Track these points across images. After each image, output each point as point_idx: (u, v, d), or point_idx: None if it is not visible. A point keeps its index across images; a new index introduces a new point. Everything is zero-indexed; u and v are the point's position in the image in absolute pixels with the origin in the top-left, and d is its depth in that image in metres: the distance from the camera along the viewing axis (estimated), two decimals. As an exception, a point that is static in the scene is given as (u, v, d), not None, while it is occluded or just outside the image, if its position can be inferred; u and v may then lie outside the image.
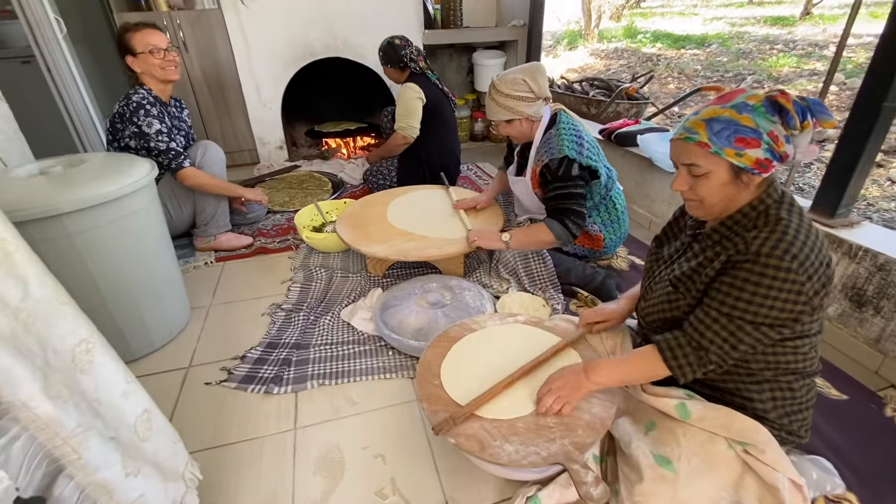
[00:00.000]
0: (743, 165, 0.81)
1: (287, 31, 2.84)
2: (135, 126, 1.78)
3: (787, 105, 0.78)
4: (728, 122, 0.81)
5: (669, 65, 6.90)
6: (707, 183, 0.85)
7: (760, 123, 0.79)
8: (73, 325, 0.70)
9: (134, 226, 1.33)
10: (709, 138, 0.82)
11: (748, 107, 0.80)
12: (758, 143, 0.79)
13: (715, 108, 0.83)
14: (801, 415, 0.96)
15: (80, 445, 0.61)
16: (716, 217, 0.92)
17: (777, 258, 0.78)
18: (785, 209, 0.84)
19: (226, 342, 1.54)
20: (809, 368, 0.93)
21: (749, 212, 0.87)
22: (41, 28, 2.23)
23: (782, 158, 0.82)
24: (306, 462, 1.14)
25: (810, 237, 0.81)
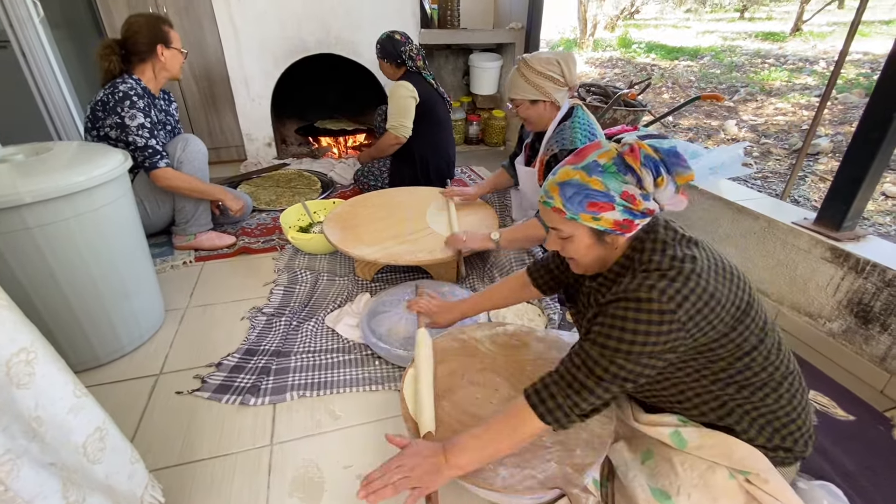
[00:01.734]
0: (603, 228, 0.79)
1: (279, 24, 2.75)
2: (117, 116, 1.69)
3: (633, 164, 0.75)
4: (579, 187, 0.78)
5: (663, 75, 6.94)
6: (574, 245, 0.84)
7: (611, 186, 0.76)
8: (11, 333, 0.60)
9: (102, 220, 1.23)
10: (563, 204, 0.80)
11: (598, 167, 0.77)
12: (611, 207, 0.77)
13: (568, 169, 0.80)
14: (790, 427, 0.88)
15: (8, 476, 0.52)
16: (596, 272, 0.91)
17: (636, 291, 0.75)
18: (648, 253, 0.81)
19: (201, 348, 1.44)
20: (777, 375, 0.84)
21: (623, 263, 0.85)
22: (16, 9, 2.11)
23: (646, 214, 0.78)
24: (282, 482, 1.05)
25: (682, 269, 0.75)
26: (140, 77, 1.80)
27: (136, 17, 1.79)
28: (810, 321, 1.52)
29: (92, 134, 1.79)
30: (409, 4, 2.92)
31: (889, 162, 1.39)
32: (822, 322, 1.49)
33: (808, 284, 1.51)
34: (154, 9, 2.55)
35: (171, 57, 1.81)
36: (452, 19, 3.21)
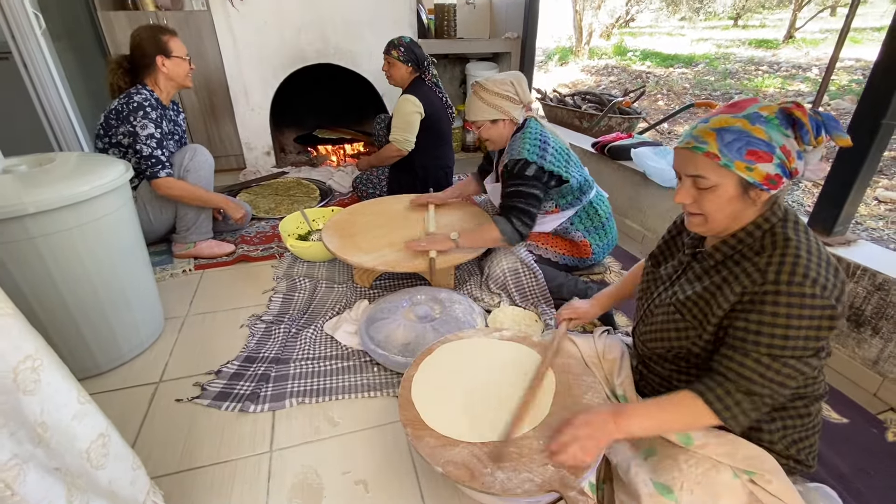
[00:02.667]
0: (752, 180, 0.76)
1: (278, 35, 2.79)
2: (129, 125, 1.74)
3: (802, 118, 0.74)
4: (740, 133, 0.75)
5: (658, 82, 7.02)
6: (713, 197, 0.80)
7: (774, 136, 0.75)
8: (17, 341, 0.62)
9: (104, 230, 1.25)
10: (719, 149, 0.76)
11: (762, 118, 0.76)
12: (770, 158, 0.75)
13: (726, 117, 0.78)
14: (808, 441, 0.91)
15: (15, 480, 0.53)
16: (717, 234, 0.87)
17: (799, 285, 0.73)
18: (791, 227, 0.80)
19: (201, 355, 1.45)
20: (819, 391, 0.89)
21: (754, 230, 0.82)
22: (18, 22, 2.14)
23: (792, 175, 0.77)
24: (281, 488, 1.05)
25: (822, 256, 0.77)
26: (152, 88, 1.84)
27: (138, 29, 1.82)
28: (804, 325, 1.54)
29: (104, 141, 1.82)
30: (407, 15, 2.96)
31: (878, 167, 1.42)
32: (816, 326, 1.51)
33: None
34: (154, 20, 2.58)
35: (172, 66, 1.83)
36: (449, 29, 3.26)
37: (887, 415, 1.29)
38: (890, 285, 1.29)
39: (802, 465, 0.91)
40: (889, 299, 1.30)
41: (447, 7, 3.18)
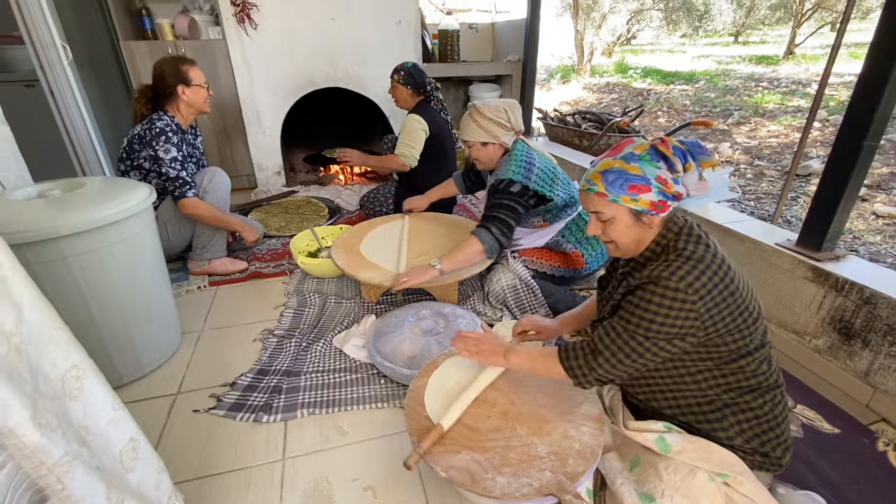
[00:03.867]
0: (640, 208, 0.90)
1: (289, 61, 2.92)
2: (152, 150, 1.84)
3: (666, 152, 0.87)
4: (619, 173, 0.89)
5: (659, 99, 7.13)
6: (613, 227, 0.95)
7: (647, 170, 0.88)
8: (65, 351, 0.69)
9: (129, 249, 1.33)
10: (605, 188, 0.91)
11: (635, 156, 0.89)
12: (648, 189, 0.88)
13: (608, 160, 0.92)
14: (771, 434, 0.95)
15: (66, 475, 0.60)
16: (632, 255, 1.00)
17: (666, 279, 0.85)
18: (683, 240, 0.92)
19: (216, 368, 1.52)
20: (765, 384, 0.94)
21: (655, 247, 0.96)
22: (47, 53, 2.28)
23: (677, 197, 0.90)
24: (294, 494, 1.11)
25: (708, 263, 0.87)
26: (173, 114, 1.95)
27: (160, 61, 1.94)
28: (797, 338, 1.59)
29: (126, 164, 1.92)
30: (412, 41, 3.09)
31: (861, 186, 1.48)
32: (808, 339, 1.55)
33: (793, 303, 1.59)
34: (173, 50, 2.72)
35: (192, 94, 1.95)
36: (452, 53, 3.39)
37: (879, 425, 1.33)
38: (877, 299, 1.34)
39: (770, 458, 0.95)
40: (877, 313, 1.35)
41: (451, 33, 3.31)
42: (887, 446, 1.25)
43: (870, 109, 1.35)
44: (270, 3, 2.74)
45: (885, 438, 1.27)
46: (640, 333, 0.88)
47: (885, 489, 1.13)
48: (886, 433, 1.29)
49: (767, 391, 0.95)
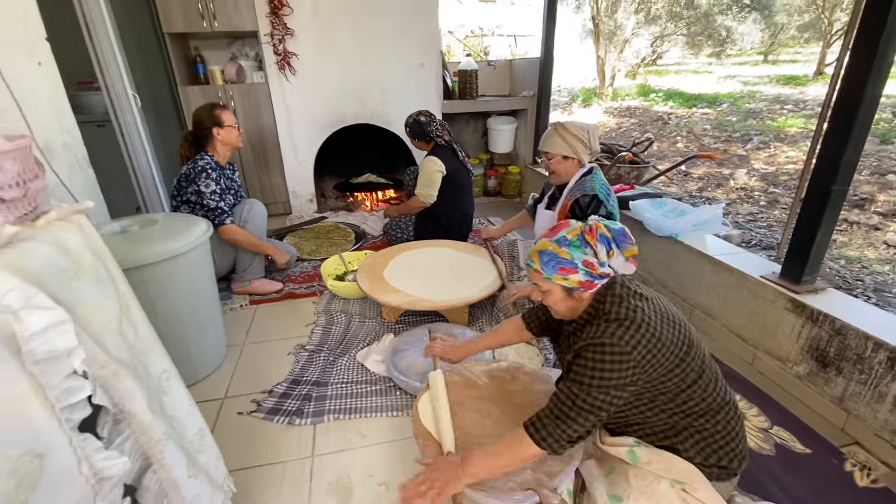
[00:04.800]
0: (571, 286, 1.05)
1: (323, 101, 3.25)
2: (196, 186, 2.14)
3: (591, 241, 1.04)
4: (552, 255, 1.05)
5: (679, 124, 7.22)
6: (549, 298, 1.11)
7: (575, 255, 1.03)
8: (160, 358, 0.94)
9: (191, 275, 1.61)
10: (541, 267, 1.07)
11: (566, 241, 1.05)
12: (576, 271, 1.03)
13: (544, 241, 1.08)
14: (726, 448, 1.09)
15: (164, 449, 0.83)
16: (570, 318, 1.16)
17: (601, 338, 0.99)
18: (608, 302, 1.06)
19: (256, 377, 1.77)
20: (714, 405, 1.08)
21: (590, 311, 1.10)
22: (119, 101, 2.65)
23: (603, 276, 1.05)
24: (321, 485, 1.32)
25: (632, 320, 1.01)
26: (212, 153, 2.26)
27: (197, 109, 2.27)
28: (780, 365, 1.71)
29: (177, 199, 2.23)
30: (434, 81, 3.38)
31: (834, 227, 1.62)
32: (790, 366, 1.68)
33: (776, 332, 1.72)
34: (223, 94, 3.09)
35: (225, 134, 2.25)
36: (472, 90, 3.65)
37: (851, 448, 1.44)
38: (847, 330, 1.47)
39: (727, 469, 1.10)
40: (846, 342, 1.48)
41: (469, 72, 3.58)
42: (854, 467, 1.36)
43: (836, 157, 1.50)
44: (308, 52, 3.08)
45: (853, 460, 1.39)
46: (594, 390, 0.98)
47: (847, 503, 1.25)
48: (857, 455, 1.41)
49: (718, 411, 1.10)
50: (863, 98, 1.41)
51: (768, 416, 1.55)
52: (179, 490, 0.87)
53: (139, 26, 3.14)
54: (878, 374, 1.39)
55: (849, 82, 1.46)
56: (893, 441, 1.37)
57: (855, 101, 1.43)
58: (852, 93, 1.44)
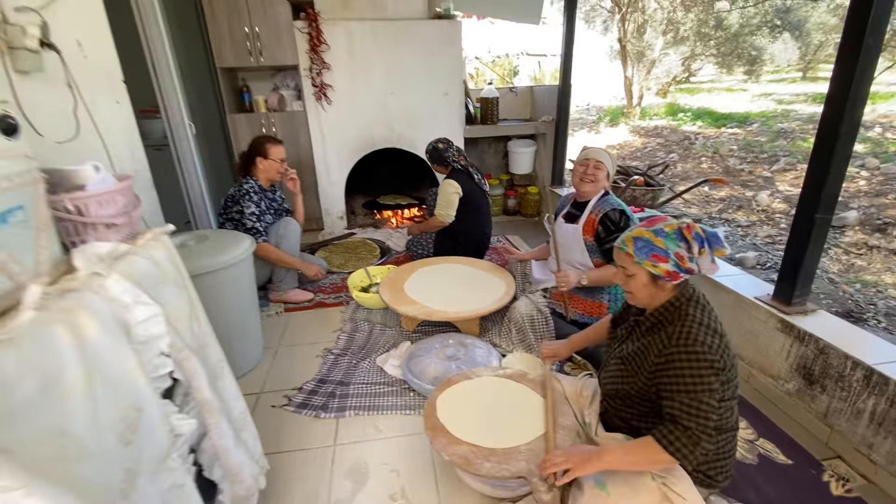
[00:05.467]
0: (658, 274, 1.16)
1: (355, 128, 3.54)
2: (239, 206, 2.43)
3: (688, 237, 1.15)
4: (647, 242, 1.17)
5: (706, 144, 7.22)
6: (633, 281, 1.22)
7: (670, 246, 1.15)
8: (216, 349, 1.17)
9: (237, 284, 1.86)
10: (633, 251, 1.18)
11: (663, 232, 1.16)
12: (667, 260, 1.15)
13: (641, 229, 1.20)
14: (717, 464, 1.23)
15: (218, 421, 1.05)
16: (647, 306, 1.26)
17: (691, 345, 1.10)
18: (692, 306, 1.18)
19: (288, 376, 2.00)
20: (727, 424, 1.22)
21: (669, 306, 1.21)
22: (176, 128, 3.00)
23: (689, 272, 1.16)
24: (341, 470, 1.52)
25: (710, 326, 1.14)
26: (256, 177, 2.55)
27: (256, 137, 2.57)
28: (773, 381, 1.81)
29: (223, 217, 2.53)
30: (457, 109, 3.63)
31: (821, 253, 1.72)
32: (781, 382, 1.77)
33: (768, 350, 1.82)
34: (265, 121, 3.43)
35: (266, 166, 2.54)
36: (493, 116, 3.88)
37: (834, 461, 1.53)
38: (829, 350, 1.57)
39: (712, 480, 1.23)
40: (829, 361, 1.57)
41: (491, 100, 3.82)
42: (831, 478, 1.45)
43: (818, 187, 1.62)
44: (342, 84, 3.39)
45: (831, 471, 1.47)
46: (700, 390, 1.07)
47: (818, 510, 1.35)
48: (837, 468, 1.49)
49: (726, 431, 1.22)
50: (839, 133, 1.54)
51: (755, 429, 1.65)
52: (228, 456, 1.09)
53: (195, 61, 3.54)
54: (856, 391, 1.49)
55: (828, 115, 1.58)
56: (871, 455, 1.45)
57: (833, 134, 1.56)
58: (831, 126, 1.56)
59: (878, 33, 1.47)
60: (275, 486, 1.45)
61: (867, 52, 1.46)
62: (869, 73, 1.50)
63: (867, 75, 1.50)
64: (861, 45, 1.45)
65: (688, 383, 1.11)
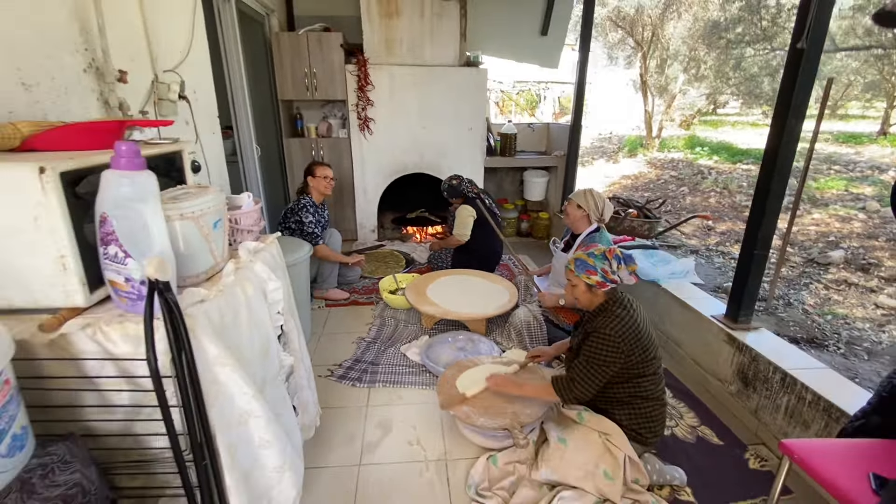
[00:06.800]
0: (591, 283, 1.67)
1: (391, 155, 4.11)
2: (297, 216, 2.99)
3: (609, 257, 1.66)
4: (583, 261, 1.69)
5: (717, 180, 7.56)
6: (577, 290, 1.72)
7: (597, 264, 1.66)
8: (297, 317, 1.68)
9: (298, 279, 2.39)
10: (574, 268, 1.70)
11: (594, 255, 1.68)
12: (596, 273, 1.65)
13: (580, 253, 1.72)
14: (647, 425, 1.67)
15: (299, 366, 1.56)
16: (588, 308, 1.75)
17: (603, 329, 1.60)
18: (616, 306, 1.66)
19: (331, 355, 2.51)
20: (651, 394, 1.66)
21: (601, 306, 1.70)
22: (246, 149, 3.62)
23: (613, 282, 1.66)
24: (372, 422, 2.01)
25: (623, 320, 1.61)
26: (310, 195, 3.12)
27: (311, 162, 3.15)
28: (720, 384, 2.22)
29: (282, 226, 3.09)
30: (479, 142, 4.17)
31: (760, 282, 2.14)
32: (727, 385, 2.18)
33: (718, 358, 2.23)
34: (315, 146, 4.03)
35: (315, 183, 3.11)
36: (511, 149, 4.41)
37: (760, 447, 1.92)
38: (759, 358, 1.99)
39: (642, 437, 1.67)
40: (759, 367, 1.99)
41: (510, 135, 4.35)
42: (752, 456, 1.86)
43: (755, 232, 2.06)
44: (382, 118, 3.98)
45: (752, 451, 1.88)
46: (594, 363, 1.59)
47: (734, 480, 1.75)
48: (759, 451, 1.90)
49: (650, 400, 1.68)
50: (769, 190, 1.98)
51: (700, 419, 2.07)
52: (302, 392, 1.60)
53: (262, 94, 4.19)
54: (776, 391, 1.90)
55: (762, 175, 2.03)
56: (781, 439, 1.86)
57: (765, 190, 2.00)
58: (764, 183, 2.01)
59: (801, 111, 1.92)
60: (324, 429, 1.94)
61: (790, 132, 1.91)
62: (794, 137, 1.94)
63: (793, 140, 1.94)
64: (785, 123, 1.91)
65: (590, 354, 1.61)
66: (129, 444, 1.06)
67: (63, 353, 0.96)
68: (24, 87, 1.38)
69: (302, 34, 3.78)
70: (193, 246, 1.11)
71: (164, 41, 2.08)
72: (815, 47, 1.78)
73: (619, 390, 1.68)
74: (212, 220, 1.15)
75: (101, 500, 0.89)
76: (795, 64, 1.83)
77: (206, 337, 1.01)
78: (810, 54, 1.78)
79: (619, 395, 1.68)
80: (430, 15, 3.88)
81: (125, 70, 1.78)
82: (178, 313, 0.89)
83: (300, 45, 3.79)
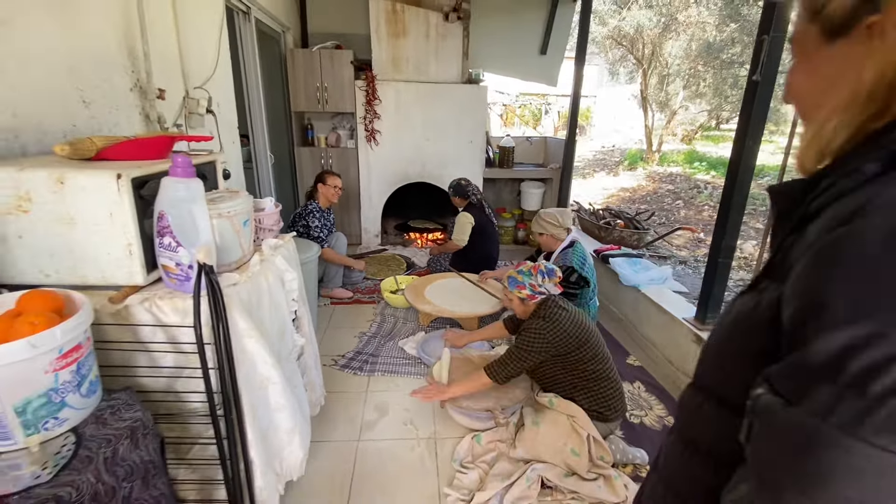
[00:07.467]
0: (522, 296, 1.92)
1: (395, 164, 4.37)
2: (305, 220, 3.24)
3: (534, 272, 1.91)
4: (513, 278, 1.95)
5: (711, 194, 7.79)
6: (512, 303, 1.98)
7: (525, 279, 1.92)
8: (306, 304, 1.92)
9: (307, 277, 2.63)
10: (507, 284, 1.96)
11: (523, 272, 1.94)
12: (525, 288, 1.91)
13: (511, 271, 1.98)
14: (606, 403, 1.88)
15: (308, 347, 1.79)
16: (523, 316, 2.00)
17: (530, 326, 1.84)
18: (542, 309, 1.89)
19: (335, 347, 2.74)
20: (599, 375, 1.88)
21: (533, 313, 1.93)
22: (260, 156, 3.89)
23: (541, 293, 1.91)
24: (370, 406, 2.23)
25: (552, 319, 1.84)
26: (317, 201, 3.37)
27: (318, 173, 3.41)
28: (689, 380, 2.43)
29: (291, 229, 3.35)
30: (479, 154, 4.42)
31: (724, 290, 2.36)
32: (694, 381, 2.39)
33: (687, 357, 2.45)
34: (324, 155, 4.30)
35: (323, 190, 3.37)
36: (509, 161, 4.66)
37: (719, 435, 2.14)
38: (721, 355, 2.20)
39: (603, 415, 1.89)
40: (720, 363, 2.20)
41: (508, 148, 4.60)
42: (710, 442, 2.07)
43: (719, 242, 2.28)
44: (388, 130, 4.25)
45: (711, 438, 2.09)
46: (522, 352, 1.85)
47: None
48: (719, 438, 2.10)
49: (601, 380, 1.90)
50: (731, 204, 2.21)
51: (669, 410, 2.28)
52: (310, 371, 1.83)
53: (276, 106, 4.47)
54: (733, 384, 2.11)
55: (727, 188, 2.26)
56: (737, 428, 2.06)
57: (727, 203, 2.23)
58: (728, 196, 2.24)
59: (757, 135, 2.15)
60: (328, 410, 2.17)
61: (748, 152, 2.15)
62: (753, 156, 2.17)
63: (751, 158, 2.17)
64: (744, 145, 2.14)
65: (520, 343, 1.86)
66: (171, 399, 1.29)
67: (124, 321, 1.20)
68: (84, 104, 1.65)
69: (315, 51, 4.07)
70: (227, 240, 1.36)
71: (194, 61, 2.36)
72: (767, 80, 2.02)
73: (572, 377, 1.90)
74: (242, 219, 1.40)
75: (155, 436, 1.12)
76: (752, 92, 2.07)
77: (237, 313, 1.25)
78: (763, 86, 2.02)
79: (574, 381, 1.90)
80: (434, 35, 4.16)
81: (163, 88, 2.05)
82: (219, 291, 1.13)
83: (313, 61, 4.07)
